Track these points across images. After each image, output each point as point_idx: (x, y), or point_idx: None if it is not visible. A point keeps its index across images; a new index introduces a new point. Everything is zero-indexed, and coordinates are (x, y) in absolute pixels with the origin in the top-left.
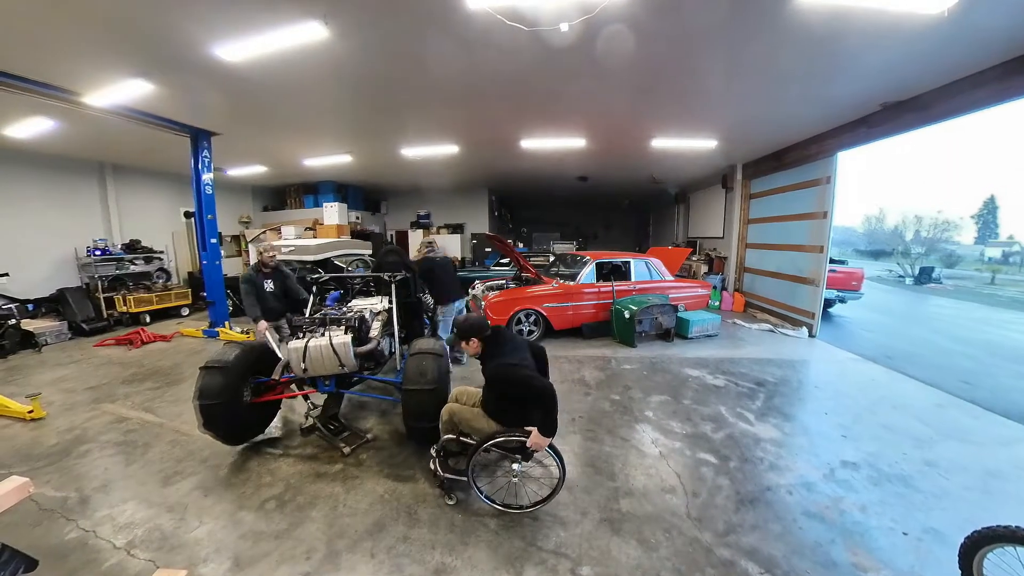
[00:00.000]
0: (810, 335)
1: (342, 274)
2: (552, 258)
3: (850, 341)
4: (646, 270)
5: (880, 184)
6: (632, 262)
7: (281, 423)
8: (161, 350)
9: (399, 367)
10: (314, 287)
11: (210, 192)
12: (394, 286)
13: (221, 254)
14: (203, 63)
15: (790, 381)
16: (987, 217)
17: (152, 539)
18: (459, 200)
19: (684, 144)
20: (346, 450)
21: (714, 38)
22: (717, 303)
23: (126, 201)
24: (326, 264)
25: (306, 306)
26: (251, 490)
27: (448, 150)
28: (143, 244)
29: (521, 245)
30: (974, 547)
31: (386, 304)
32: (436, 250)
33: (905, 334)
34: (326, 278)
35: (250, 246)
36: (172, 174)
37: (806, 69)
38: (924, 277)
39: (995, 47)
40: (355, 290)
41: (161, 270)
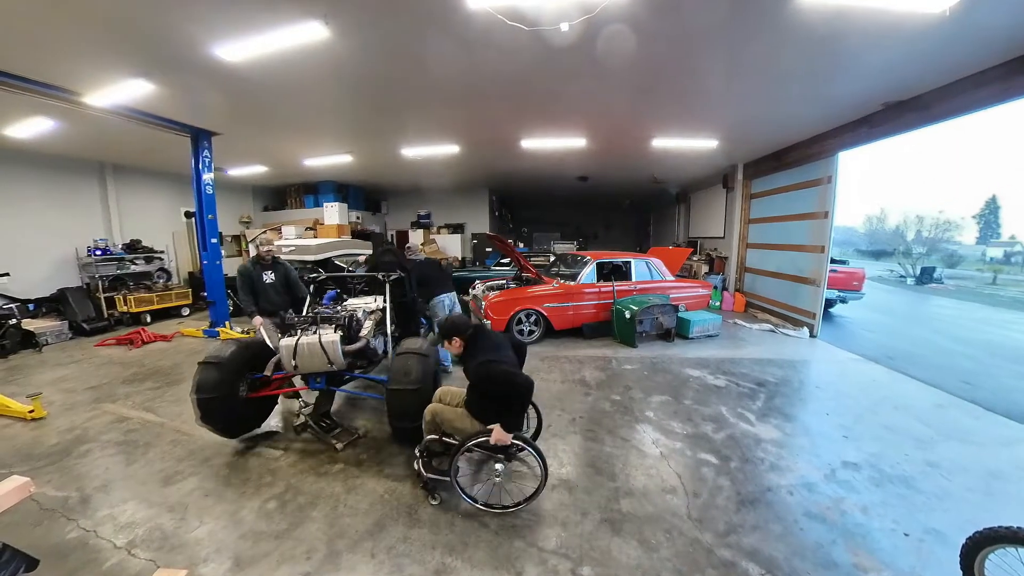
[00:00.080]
0: (811, 335)
1: (338, 274)
2: (552, 258)
3: (851, 341)
4: (647, 270)
5: (881, 184)
6: (633, 262)
7: (281, 420)
8: (162, 350)
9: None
10: (311, 286)
11: (211, 192)
12: (388, 286)
13: (222, 254)
14: (203, 63)
15: (791, 381)
16: (989, 217)
17: (153, 539)
18: (459, 200)
19: (685, 144)
20: (338, 446)
21: (714, 38)
22: (718, 303)
23: (127, 201)
24: (327, 264)
25: (305, 303)
26: (251, 490)
27: (448, 150)
28: (144, 244)
29: (521, 245)
30: (975, 548)
31: (380, 304)
32: (416, 254)
33: (906, 334)
34: (323, 277)
35: (250, 246)
36: (172, 174)
37: (807, 69)
38: (925, 277)
39: (997, 46)
40: (357, 290)
41: (162, 270)
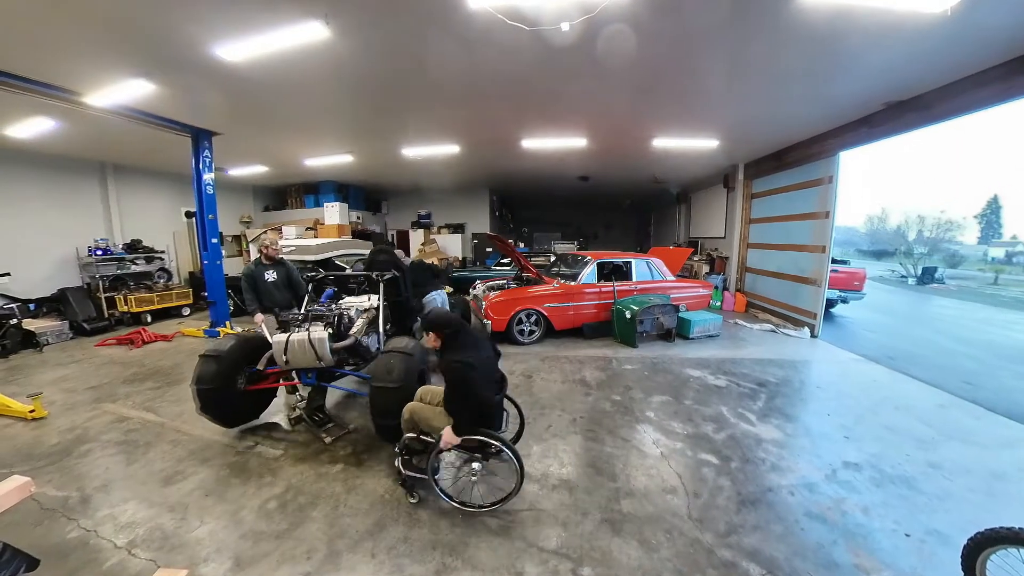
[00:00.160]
0: (812, 335)
1: (334, 273)
2: (553, 258)
3: (852, 341)
4: (647, 270)
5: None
6: (633, 262)
7: (283, 419)
8: (162, 350)
9: None
10: (310, 285)
11: (211, 192)
12: (382, 285)
13: (222, 254)
14: (204, 63)
15: (792, 382)
16: (990, 217)
17: (153, 539)
18: (460, 200)
19: (685, 144)
20: (327, 439)
21: (715, 37)
22: (718, 303)
23: (127, 201)
24: (327, 264)
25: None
26: (252, 490)
27: (449, 150)
28: (144, 244)
29: (522, 245)
30: (977, 549)
31: (375, 302)
32: (404, 259)
33: (907, 334)
34: (321, 276)
35: (251, 246)
36: (173, 174)
37: (808, 68)
38: (927, 277)
39: (998, 46)
40: (358, 289)
41: (162, 270)
